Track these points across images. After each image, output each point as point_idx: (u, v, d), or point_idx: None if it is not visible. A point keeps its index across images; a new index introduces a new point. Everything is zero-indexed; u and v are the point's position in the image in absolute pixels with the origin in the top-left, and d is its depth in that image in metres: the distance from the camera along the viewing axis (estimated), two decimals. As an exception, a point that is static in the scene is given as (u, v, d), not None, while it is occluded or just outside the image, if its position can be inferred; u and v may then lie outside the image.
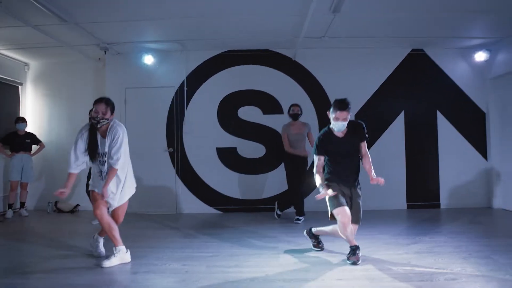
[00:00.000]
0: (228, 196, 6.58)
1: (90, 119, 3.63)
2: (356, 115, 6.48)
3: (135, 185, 3.80)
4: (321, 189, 3.52)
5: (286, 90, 6.59)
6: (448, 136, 6.55)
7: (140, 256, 3.76)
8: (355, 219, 3.55)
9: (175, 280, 3.11)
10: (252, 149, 6.58)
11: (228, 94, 6.65)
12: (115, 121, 3.63)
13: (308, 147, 5.59)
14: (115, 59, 6.65)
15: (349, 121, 3.58)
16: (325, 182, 3.60)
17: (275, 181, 6.41)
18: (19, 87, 7.07)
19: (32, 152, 6.56)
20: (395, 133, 6.58)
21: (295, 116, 5.63)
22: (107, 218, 3.53)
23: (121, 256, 3.54)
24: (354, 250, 3.50)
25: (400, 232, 4.77)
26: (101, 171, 3.58)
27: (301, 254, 3.83)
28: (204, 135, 6.62)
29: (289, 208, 5.77)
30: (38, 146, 6.63)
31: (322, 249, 3.93)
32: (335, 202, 3.50)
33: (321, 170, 3.66)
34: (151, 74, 6.65)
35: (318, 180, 3.59)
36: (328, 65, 6.64)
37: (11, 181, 6.29)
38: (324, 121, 6.58)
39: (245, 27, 5.69)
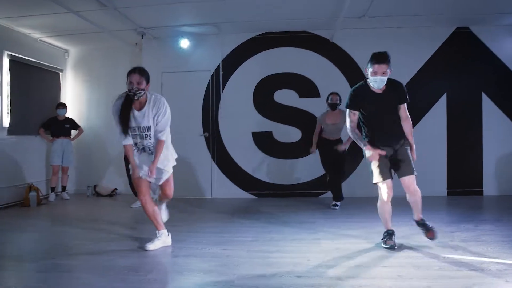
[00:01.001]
0: (263, 181, 6.57)
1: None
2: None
3: (175, 156, 3.74)
4: (363, 148, 3.37)
5: (323, 72, 6.44)
6: (494, 120, 6.23)
7: (180, 240, 3.81)
8: (408, 170, 3.34)
9: (216, 264, 3.12)
10: (288, 134, 6.51)
11: (264, 78, 6.57)
12: (155, 93, 3.49)
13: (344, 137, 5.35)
14: (152, 44, 6.69)
15: (388, 78, 3.32)
16: (366, 139, 3.42)
17: (311, 166, 6.32)
18: (60, 73, 7.25)
19: (72, 137, 6.75)
20: (437, 116, 6.32)
21: (333, 106, 5.38)
22: (151, 205, 3.55)
23: (163, 239, 3.60)
24: (390, 234, 3.42)
25: (442, 219, 4.61)
26: (136, 144, 3.47)
27: (342, 240, 3.77)
28: (239, 119, 6.60)
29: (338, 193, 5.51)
30: (78, 131, 6.82)
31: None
32: (377, 173, 3.35)
33: (356, 127, 3.42)
34: (187, 58, 6.66)
35: (355, 137, 3.38)
36: (367, 46, 6.28)
37: (52, 165, 6.50)
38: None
39: (282, 8, 5.55)
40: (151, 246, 3.50)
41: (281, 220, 4.71)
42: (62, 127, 6.57)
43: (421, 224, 3.55)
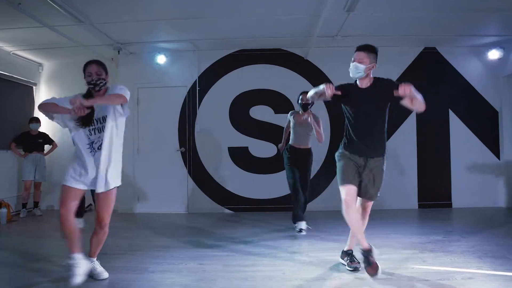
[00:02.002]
0: (240, 196, 6.62)
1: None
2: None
3: (120, 178, 3.16)
4: (321, 87, 3.14)
5: (298, 89, 6.46)
6: (460, 135, 6.52)
7: (156, 256, 3.81)
8: (372, 196, 3.19)
9: (193, 279, 3.14)
10: (263, 149, 6.61)
11: (240, 94, 6.68)
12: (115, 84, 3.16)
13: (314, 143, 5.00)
14: (128, 59, 6.71)
15: (377, 77, 3.16)
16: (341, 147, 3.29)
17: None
18: (34, 87, 7.16)
19: (45, 151, 6.64)
20: (407, 132, 6.57)
21: (305, 107, 4.95)
22: (72, 221, 2.93)
23: (84, 263, 2.96)
24: (366, 256, 2.99)
25: (413, 232, 4.78)
26: (92, 143, 2.97)
27: (316, 253, 3.85)
28: (216, 134, 6.66)
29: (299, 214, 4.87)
30: (51, 146, 6.71)
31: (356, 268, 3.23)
32: (342, 176, 3.14)
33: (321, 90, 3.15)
34: (163, 74, 6.70)
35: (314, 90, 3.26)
36: (340, 64, 6.48)
37: (24, 181, 6.36)
38: (336, 121, 6.61)
39: (258, 27, 5.70)
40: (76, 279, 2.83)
41: (257, 234, 4.76)
42: (35, 141, 6.46)
43: (366, 253, 3.04)
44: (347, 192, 3.09)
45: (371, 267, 2.93)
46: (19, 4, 4.46)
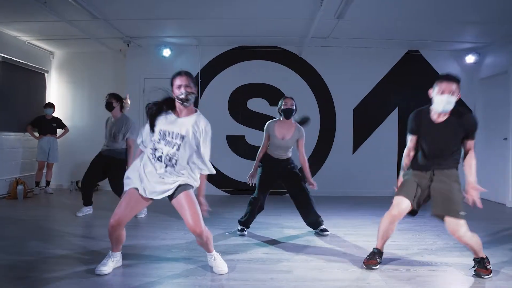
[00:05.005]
0: (236, 180, 7.24)
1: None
2: (355, 109, 7.18)
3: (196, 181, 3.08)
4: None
5: (292, 84, 7.20)
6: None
7: (165, 227, 4.45)
8: (440, 209, 2.95)
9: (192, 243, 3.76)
10: (259, 137, 7.16)
11: (239, 87, 7.26)
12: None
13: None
14: (136, 51, 7.24)
15: (455, 107, 2.91)
16: (402, 173, 3.19)
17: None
18: (45, 74, 7.66)
19: (58, 135, 7.18)
20: (390, 126, 7.22)
21: (287, 113, 4.20)
22: (120, 230, 2.95)
23: (117, 260, 3.09)
24: (374, 253, 3.17)
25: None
26: (156, 150, 2.87)
27: (299, 229, 4.49)
28: (215, 123, 7.11)
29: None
30: (63, 130, 7.24)
31: None
32: (399, 190, 3.11)
33: (410, 154, 3.14)
34: (168, 66, 7.23)
35: (403, 165, 3.19)
36: (331, 62, 7.25)
37: (38, 161, 6.92)
38: (325, 116, 7.24)
39: (257, 27, 6.26)
40: (105, 269, 2.95)
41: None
42: (49, 125, 6.99)
43: (477, 261, 3.03)
44: (396, 203, 3.05)
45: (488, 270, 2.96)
46: (45, 2, 4.98)
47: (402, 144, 7.20)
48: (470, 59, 6.96)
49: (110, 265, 3.00)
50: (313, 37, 6.33)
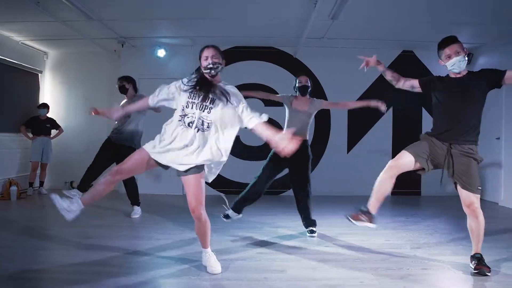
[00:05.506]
0: (231, 180, 7.25)
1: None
2: (349, 109, 7.18)
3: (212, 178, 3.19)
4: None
5: (287, 84, 7.13)
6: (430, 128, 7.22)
7: (159, 228, 4.44)
8: (468, 184, 2.97)
9: (192, 244, 3.77)
10: (254, 138, 7.14)
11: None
12: None
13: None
14: (130, 52, 7.23)
15: (469, 70, 3.08)
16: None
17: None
18: (39, 74, 7.63)
19: (52, 136, 7.15)
20: (384, 126, 7.25)
21: (303, 89, 4.30)
22: (108, 186, 3.02)
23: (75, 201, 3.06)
24: (362, 210, 3.22)
25: (381, 213, 5.41)
26: (186, 116, 2.89)
27: (293, 229, 4.51)
28: (210, 124, 7.24)
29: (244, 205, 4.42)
30: (57, 131, 7.22)
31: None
32: (409, 146, 3.14)
33: (399, 78, 3.38)
34: (162, 66, 7.25)
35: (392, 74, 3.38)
36: (326, 62, 7.28)
37: (32, 162, 6.88)
38: (319, 116, 7.25)
39: (251, 27, 6.28)
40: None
41: (245, 212, 5.38)
42: (43, 126, 6.97)
43: (476, 258, 3.03)
44: (399, 157, 3.11)
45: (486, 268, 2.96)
46: (37, 2, 4.97)
47: (396, 144, 7.24)
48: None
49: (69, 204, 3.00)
50: (308, 37, 6.35)
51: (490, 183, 6.57)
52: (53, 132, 7.18)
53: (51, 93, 7.81)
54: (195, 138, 2.85)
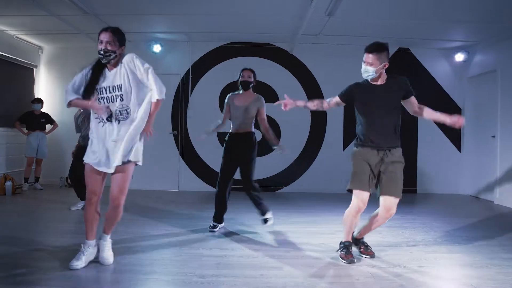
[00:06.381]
0: (227, 176, 7.23)
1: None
2: (345, 106, 7.13)
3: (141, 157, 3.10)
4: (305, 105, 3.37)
5: (282, 81, 7.21)
6: (427, 129, 7.24)
7: (155, 224, 4.42)
8: (392, 191, 3.10)
9: (188, 240, 3.76)
10: (250, 134, 7.21)
11: (230, 83, 7.23)
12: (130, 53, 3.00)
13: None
14: (126, 46, 7.14)
15: (392, 75, 3.19)
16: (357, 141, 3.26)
17: (268, 164, 7.07)
18: (34, 69, 7.56)
19: (47, 131, 7.10)
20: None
21: (245, 85, 4.23)
22: (95, 209, 3.03)
23: (91, 251, 3.06)
24: (347, 246, 3.27)
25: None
26: (110, 115, 2.89)
27: (289, 226, 4.51)
28: (206, 119, 7.15)
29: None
30: (52, 126, 7.16)
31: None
32: (356, 180, 3.16)
33: (324, 102, 3.39)
34: (158, 62, 7.19)
35: (312, 103, 3.38)
36: (322, 59, 7.27)
37: (27, 157, 6.83)
38: (315, 113, 7.25)
39: (248, 24, 6.25)
40: (78, 264, 2.93)
41: (241, 209, 5.38)
42: (38, 121, 6.91)
43: (361, 242, 3.43)
44: (361, 199, 3.14)
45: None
46: (33, -4, 4.92)
47: (392, 141, 7.27)
48: (459, 57, 7.03)
49: (83, 259, 2.98)
50: (304, 34, 6.33)
51: (485, 181, 6.61)
52: (48, 127, 7.12)
53: (46, 88, 7.74)
54: (120, 130, 2.90)
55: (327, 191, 6.98)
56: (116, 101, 2.88)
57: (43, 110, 7.12)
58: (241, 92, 4.30)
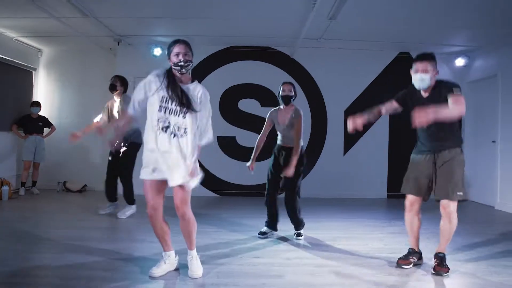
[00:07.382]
0: (226, 181, 7.20)
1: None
2: (346, 111, 7.16)
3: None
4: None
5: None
6: (428, 133, 7.22)
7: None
8: (442, 193, 3.13)
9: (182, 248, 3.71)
10: (250, 138, 7.15)
11: (230, 87, 7.22)
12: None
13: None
14: (126, 50, 7.14)
15: (439, 81, 3.08)
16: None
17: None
18: (33, 72, 7.52)
19: (44, 134, 7.03)
20: (381, 127, 7.23)
21: (286, 99, 4.17)
22: (160, 220, 3.04)
23: (171, 262, 3.12)
24: (409, 253, 3.34)
25: (378, 217, 5.45)
26: (158, 120, 2.80)
27: (291, 233, 4.47)
28: (206, 123, 7.19)
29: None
30: (50, 129, 7.10)
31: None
32: (406, 185, 3.38)
33: (384, 108, 3.42)
34: (159, 65, 6.97)
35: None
36: (323, 63, 7.25)
37: (24, 161, 6.76)
38: (316, 117, 7.23)
39: (249, 27, 6.22)
40: (157, 272, 2.99)
41: (242, 215, 5.35)
42: (35, 124, 6.86)
43: (440, 257, 3.23)
44: (408, 201, 3.44)
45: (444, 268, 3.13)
46: (33, -1, 4.89)
47: (393, 146, 7.23)
48: (459, 62, 7.02)
49: (163, 267, 3.02)
50: (305, 38, 6.31)
51: (486, 186, 6.57)
52: (46, 130, 7.07)
53: (45, 91, 7.70)
54: (172, 144, 2.80)
55: (327, 196, 6.93)
56: (179, 116, 2.83)
57: (41, 113, 7.07)
58: (282, 107, 4.24)
